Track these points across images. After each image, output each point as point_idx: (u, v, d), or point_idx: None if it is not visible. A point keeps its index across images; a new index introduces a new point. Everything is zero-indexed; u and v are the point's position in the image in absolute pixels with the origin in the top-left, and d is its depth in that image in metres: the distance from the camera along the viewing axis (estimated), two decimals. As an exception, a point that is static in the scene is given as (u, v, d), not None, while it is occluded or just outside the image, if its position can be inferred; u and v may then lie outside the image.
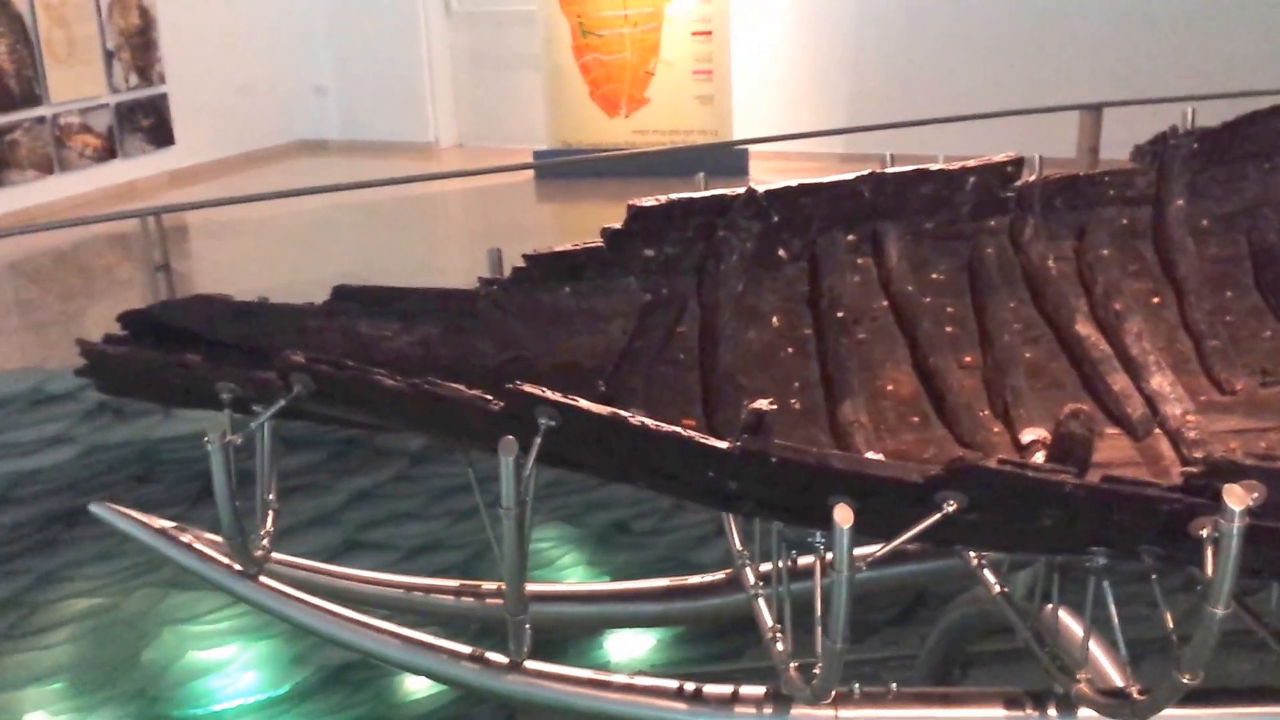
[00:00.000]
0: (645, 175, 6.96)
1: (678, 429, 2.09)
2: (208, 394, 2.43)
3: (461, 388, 2.21)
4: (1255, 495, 1.81)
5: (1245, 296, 3.45)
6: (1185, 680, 2.01)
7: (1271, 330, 3.37)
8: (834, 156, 10.91)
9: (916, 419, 2.97)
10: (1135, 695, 2.21)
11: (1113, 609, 2.24)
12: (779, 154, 11.30)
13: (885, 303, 3.21)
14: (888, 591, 4.59)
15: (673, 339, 2.96)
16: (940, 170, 3.28)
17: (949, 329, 3.21)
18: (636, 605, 3.20)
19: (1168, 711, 2.31)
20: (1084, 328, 3.20)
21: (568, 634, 4.17)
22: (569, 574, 5.17)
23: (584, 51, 11.70)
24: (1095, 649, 2.54)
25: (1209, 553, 1.82)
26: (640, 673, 2.83)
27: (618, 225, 2.95)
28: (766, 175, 10.33)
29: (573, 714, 2.62)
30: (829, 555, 2.04)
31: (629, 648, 4.62)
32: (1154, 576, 2.13)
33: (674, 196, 2.98)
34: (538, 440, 2.14)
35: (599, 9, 11.52)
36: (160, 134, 12.85)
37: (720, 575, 3.18)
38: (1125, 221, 3.50)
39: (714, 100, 11.54)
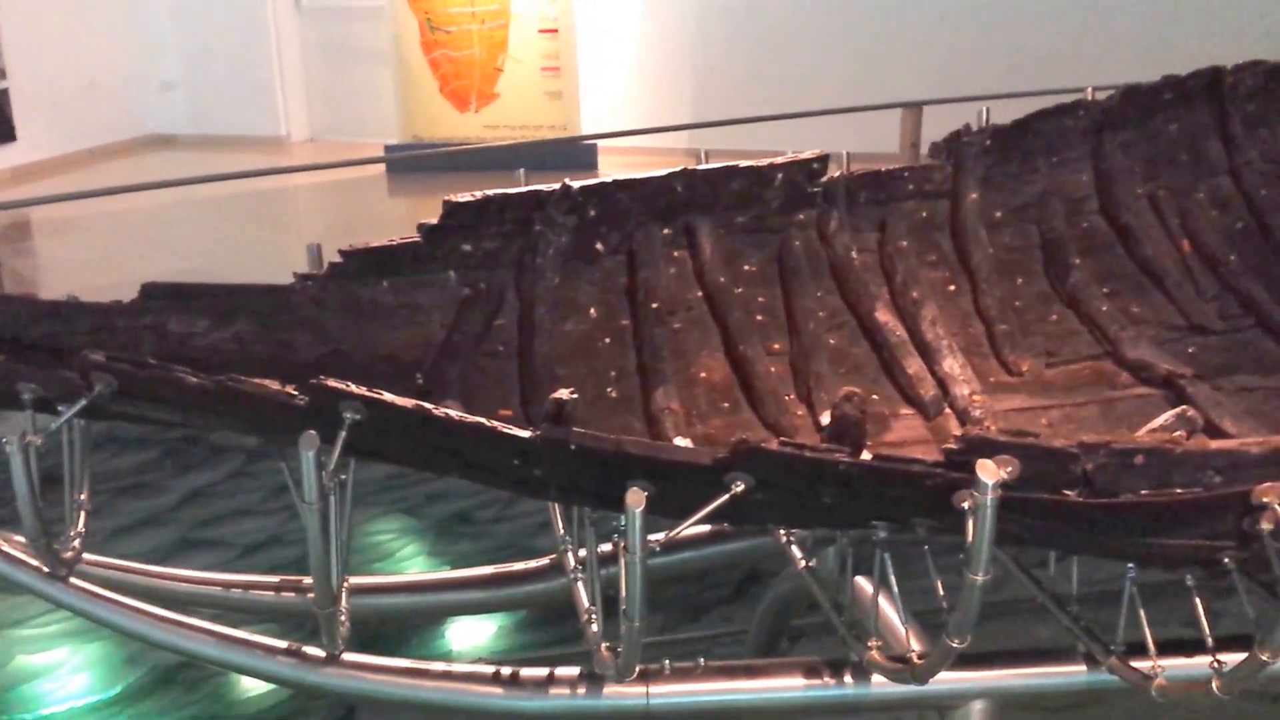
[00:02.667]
0: (495, 169, 6.90)
1: (481, 419, 2.10)
2: (10, 394, 2.33)
3: (267, 383, 2.17)
4: (1009, 469, 1.89)
5: (1034, 283, 3.61)
6: (955, 644, 2.09)
7: (1058, 314, 3.53)
8: (680, 151, 11.00)
9: (727, 404, 3.04)
10: (915, 660, 2.29)
11: (892, 579, 2.32)
12: (627, 149, 11.36)
13: (699, 293, 3.26)
14: (718, 570, 4.67)
15: (491, 331, 2.96)
16: (749, 166, 3.35)
17: (759, 318, 3.28)
18: (460, 594, 3.19)
19: (949, 675, 2.41)
20: (883, 315, 3.31)
21: (400, 625, 4.14)
22: (409, 565, 5.13)
23: (433, 47, 11.59)
24: (896, 618, 2.61)
25: (969, 523, 1.90)
26: (481, 660, 2.83)
27: (434, 220, 2.94)
28: (615, 169, 10.37)
29: (400, 705, 2.60)
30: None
31: (471, 635, 4.61)
32: (925, 548, 2.22)
33: (489, 192, 2.98)
34: (342, 434, 2.12)
35: (446, 6, 11.43)
36: (0, 129, 12.28)
37: (545, 561, 3.20)
38: (924, 214, 3.62)
39: (562, 96, 11.56)
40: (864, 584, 2.68)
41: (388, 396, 2.08)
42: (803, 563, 2.84)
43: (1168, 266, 3.63)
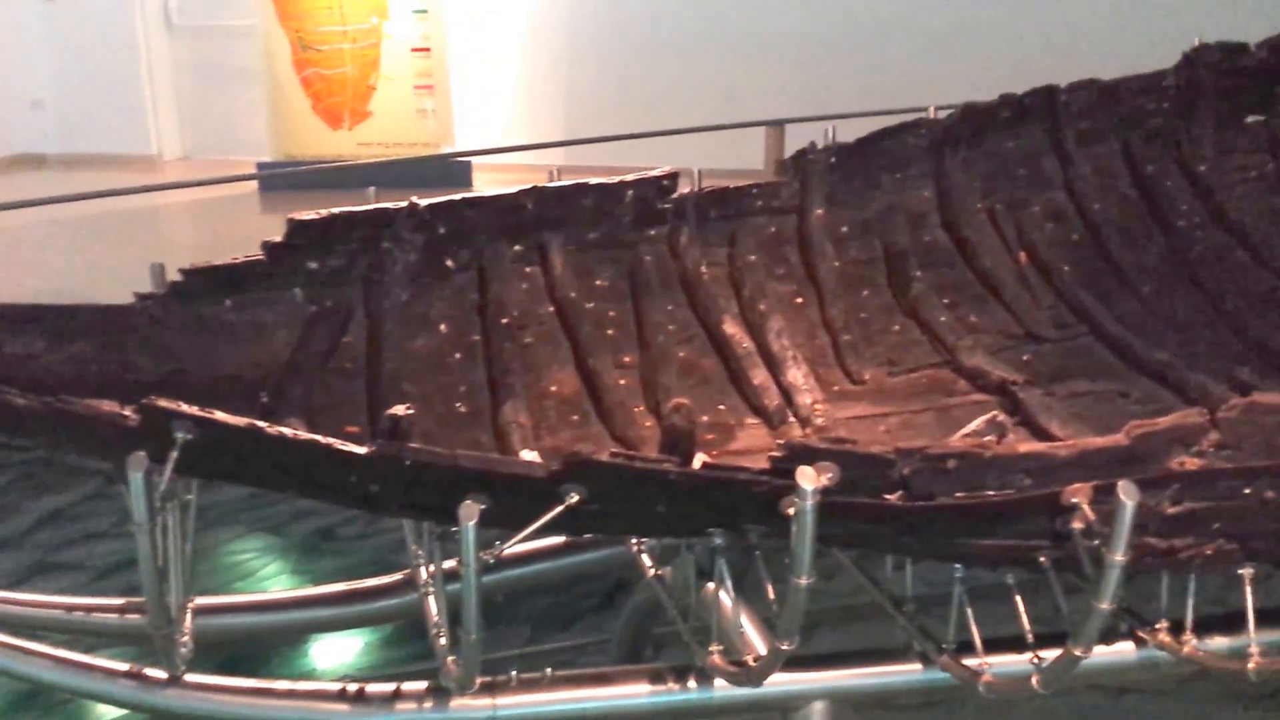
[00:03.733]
0: (369, 186, 6.81)
1: (315, 436, 2.05)
2: None
3: (98, 404, 2.09)
4: (829, 475, 1.92)
5: (879, 295, 3.68)
6: (784, 647, 2.11)
7: (900, 325, 3.60)
8: (554, 168, 10.97)
9: (576, 417, 3.03)
10: (750, 663, 2.31)
11: (728, 582, 2.34)
12: (502, 166, 11.31)
13: (551, 308, 3.26)
14: (588, 578, 4.65)
15: (338, 349, 2.91)
16: (599, 184, 3.37)
17: (610, 332, 3.29)
18: (311, 612, 3.12)
19: (788, 676, 2.44)
20: (731, 327, 3.34)
21: (256, 645, 4.04)
22: (272, 583, 5.01)
23: (305, 66, 11.43)
24: (745, 622, 2.62)
25: (794, 529, 1.92)
26: (347, 677, 2.77)
27: (278, 238, 2.89)
28: (488, 186, 10.28)
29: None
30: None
31: (335, 652, 4.52)
32: (758, 553, 2.24)
33: (335, 210, 2.94)
34: (174, 454, 2.05)
35: (318, 24, 11.28)
36: None
37: (398, 576, 3.15)
38: (773, 229, 3.67)
39: (436, 114, 11.49)
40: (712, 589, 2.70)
41: (219, 415, 2.02)
42: (651, 571, 2.84)
43: (1005, 278, 3.74)
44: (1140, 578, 2.44)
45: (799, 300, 3.60)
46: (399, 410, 2.08)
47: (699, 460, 2.09)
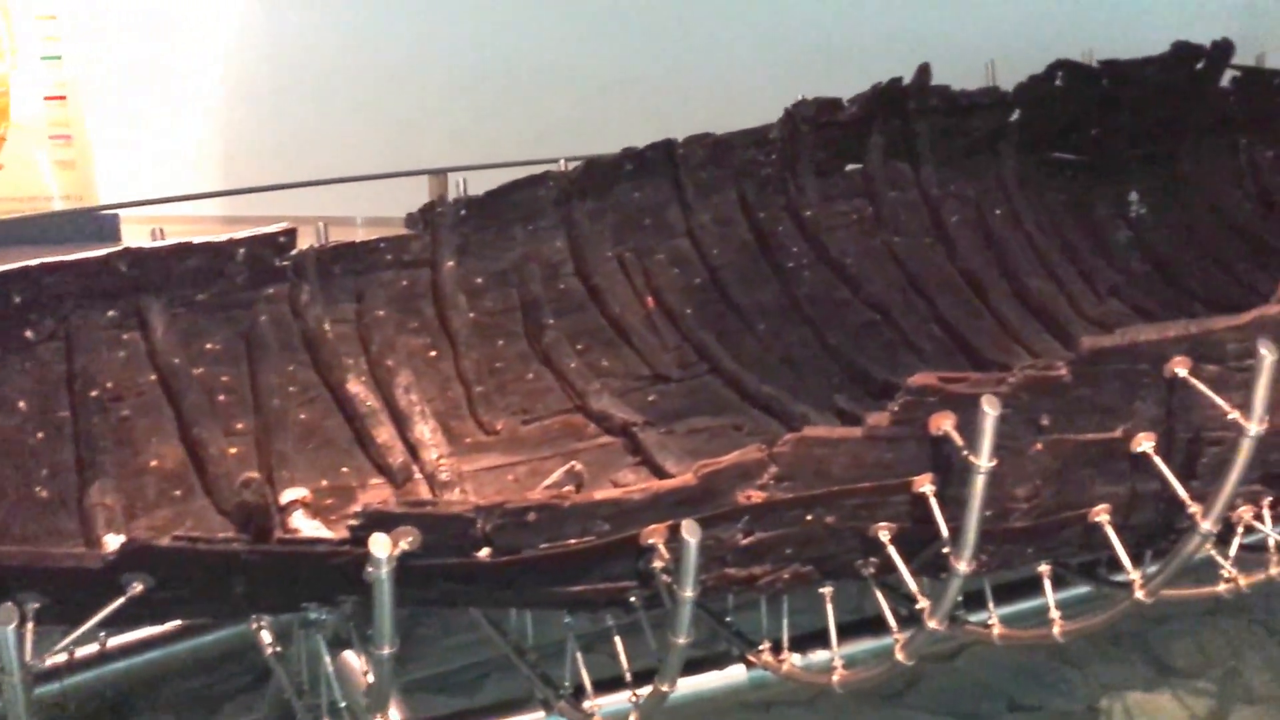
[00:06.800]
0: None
1: None
2: None
3: None
4: (410, 539, 1.89)
5: (514, 344, 3.71)
6: None
7: (534, 373, 3.64)
8: (217, 219, 10.51)
9: (179, 492, 2.87)
10: None
11: (326, 659, 2.27)
12: (156, 218, 10.66)
13: (153, 377, 3.08)
14: (235, 656, 4.42)
15: None
16: (205, 243, 3.24)
17: (222, 398, 3.15)
18: None
19: None
20: (356, 385, 3.27)
21: None
22: None
23: (-81, 115, 10.46)
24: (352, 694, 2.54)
25: (373, 597, 1.88)
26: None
27: None
28: (142, 240, 9.67)
29: None
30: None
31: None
32: (351, 623, 2.18)
33: None
34: None
35: (-67, 69, 10.35)
36: None
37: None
38: (405, 283, 3.64)
39: (75, 165, 10.77)
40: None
41: None
42: (269, 649, 2.71)
43: (634, 322, 3.86)
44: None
45: (432, 354, 3.58)
46: None
47: (317, 530, 2.01)
